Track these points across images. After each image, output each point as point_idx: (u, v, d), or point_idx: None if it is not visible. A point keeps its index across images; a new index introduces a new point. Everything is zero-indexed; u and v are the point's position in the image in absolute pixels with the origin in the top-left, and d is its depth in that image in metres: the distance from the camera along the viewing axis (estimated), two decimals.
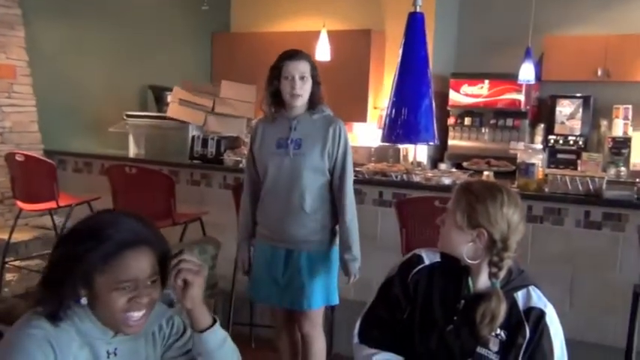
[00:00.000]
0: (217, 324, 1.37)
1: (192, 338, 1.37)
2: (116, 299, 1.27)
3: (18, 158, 4.12)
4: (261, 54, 6.72)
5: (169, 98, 5.01)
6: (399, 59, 0.85)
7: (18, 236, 4.33)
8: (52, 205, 4.05)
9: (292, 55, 2.45)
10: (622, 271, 3.23)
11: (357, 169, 3.83)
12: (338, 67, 5.46)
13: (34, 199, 4.10)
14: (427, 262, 1.67)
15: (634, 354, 2.61)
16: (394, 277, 1.70)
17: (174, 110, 4.81)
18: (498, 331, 1.54)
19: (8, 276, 4.36)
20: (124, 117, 5.05)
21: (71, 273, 1.26)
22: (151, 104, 5.72)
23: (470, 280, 1.60)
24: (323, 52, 4.88)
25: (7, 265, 4.30)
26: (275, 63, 2.48)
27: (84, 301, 1.28)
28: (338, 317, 3.57)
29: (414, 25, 0.90)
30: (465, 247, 1.57)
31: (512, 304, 1.56)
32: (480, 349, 1.54)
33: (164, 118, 5.00)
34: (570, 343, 1.60)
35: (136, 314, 1.29)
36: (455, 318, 1.58)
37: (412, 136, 0.84)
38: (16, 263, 4.38)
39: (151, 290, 1.30)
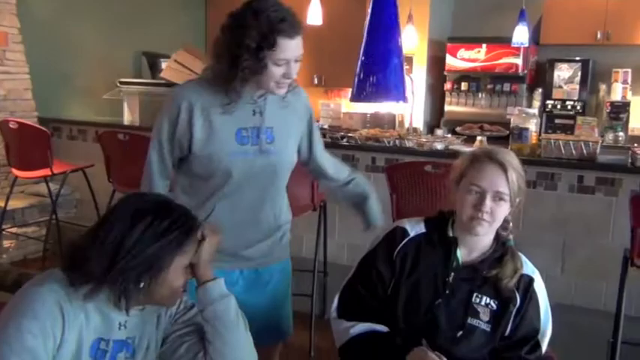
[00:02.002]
0: (221, 280, 1.44)
1: (197, 295, 1.42)
2: (181, 278, 1.35)
3: (11, 126, 4.12)
4: None
5: (164, 65, 4.97)
6: (368, 18, 0.82)
7: (14, 203, 4.36)
8: (46, 172, 4.06)
9: (291, 30, 1.61)
10: (614, 236, 3.23)
11: (350, 134, 3.82)
12: (331, 32, 5.38)
13: (29, 166, 4.11)
14: (412, 234, 1.62)
15: (622, 317, 2.63)
16: (377, 253, 1.63)
17: (168, 72, 4.76)
18: (489, 300, 1.54)
19: (6, 243, 4.40)
20: (118, 84, 5.01)
21: (152, 259, 1.27)
22: (145, 71, 5.67)
23: (458, 251, 1.58)
24: (315, 15, 4.79)
25: (4, 232, 4.33)
26: (261, 33, 1.59)
27: (143, 285, 1.29)
28: (331, 282, 3.61)
29: None
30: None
31: None
32: (470, 320, 1.53)
33: (158, 84, 4.96)
34: (560, 307, 1.61)
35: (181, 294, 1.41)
36: (446, 291, 1.55)
37: (381, 95, 0.82)
38: (13, 230, 4.41)
39: None
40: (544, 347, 1.55)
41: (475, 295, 1.55)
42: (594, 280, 3.29)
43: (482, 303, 1.54)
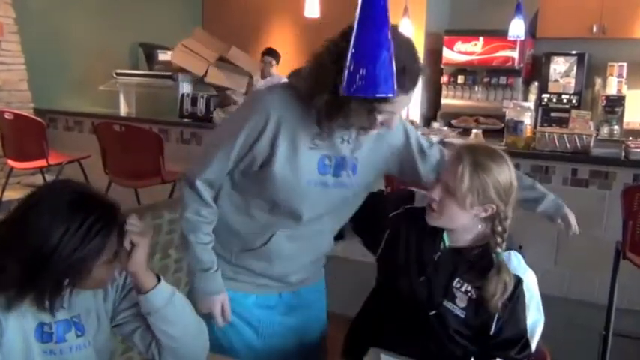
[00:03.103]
0: (161, 283, 1.34)
1: (139, 300, 1.35)
2: (105, 271, 1.29)
3: (7, 117, 4.12)
4: (251, 6, 6.65)
5: (160, 57, 4.98)
6: (358, 9, 0.82)
7: (10, 194, 4.36)
8: (42, 163, 4.07)
9: (409, 84, 1.36)
10: (607, 229, 3.26)
11: None
12: (328, 24, 5.36)
13: (25, 157, 4.12)
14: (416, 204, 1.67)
15: (613, 310, 2.66)
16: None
17: (177, 56, 4.77)
18: (469, 287, 1.54)
19: None
20: (114, 75, 5.01)
21: (74, 267, 1.22)
22: (142, 62, 5.67)
23: (445, 234, 1.59)
24: (312, 8, 4.77)
25: None
26: None
27: (66, 287, 1.25)
28: (327, 273, 3.62)
29: None
30: (471, 222, 1.54)
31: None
32: (446, 303, 1.54)
33: (155, 76, 4.97)
34: (554, 300, 1.61)
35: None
36: (428, 269, 1.57)
37: (370, 89, 0.82)
38: None
39: None
40: (533, 346, 1.55)
41: (457, 279, 1.55)
42: (587, 272, 3.32)
43: (462, 289, 1.54)
